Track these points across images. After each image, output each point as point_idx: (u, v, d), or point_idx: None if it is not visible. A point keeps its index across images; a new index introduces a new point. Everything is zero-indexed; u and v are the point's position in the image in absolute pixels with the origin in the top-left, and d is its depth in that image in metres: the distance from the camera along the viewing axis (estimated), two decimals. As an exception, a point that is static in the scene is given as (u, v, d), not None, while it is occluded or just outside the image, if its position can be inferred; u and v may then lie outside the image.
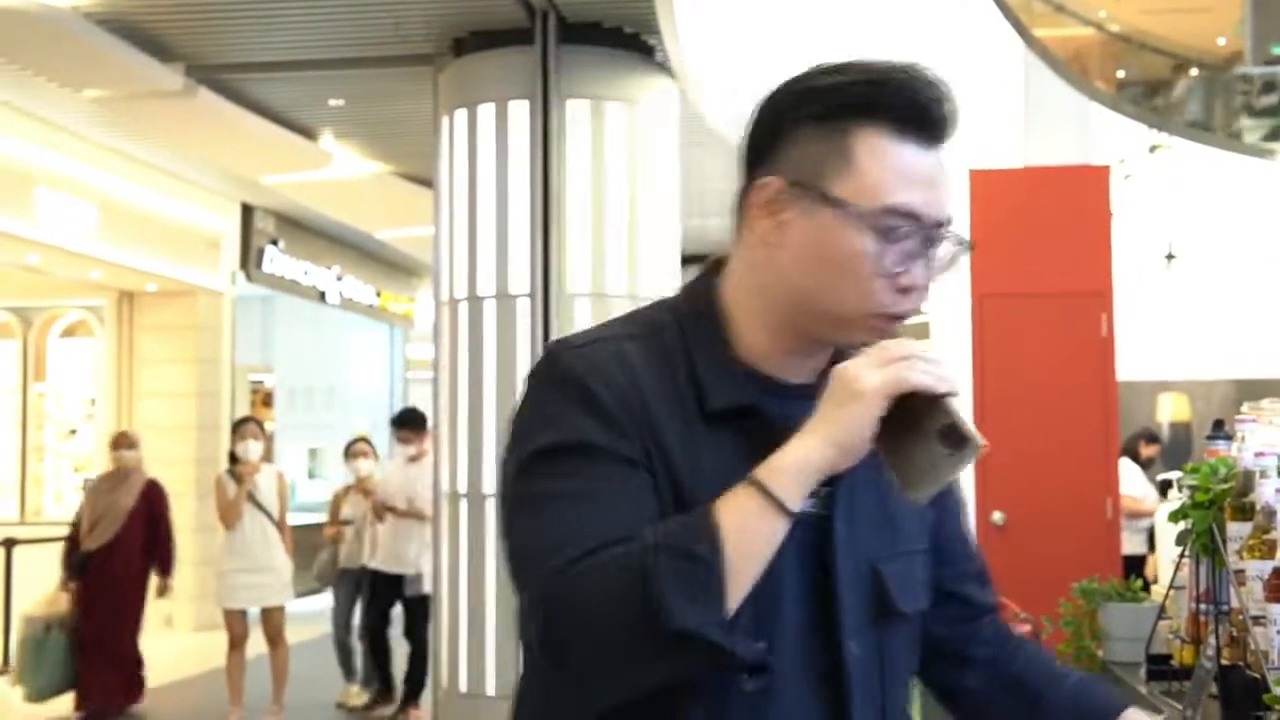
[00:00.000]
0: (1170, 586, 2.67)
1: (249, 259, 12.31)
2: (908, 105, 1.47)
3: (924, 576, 1.65)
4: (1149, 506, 8.16)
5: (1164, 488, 8.14)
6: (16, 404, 12.45)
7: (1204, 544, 2.43)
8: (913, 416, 1.41)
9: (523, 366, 7.03)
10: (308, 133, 9.54)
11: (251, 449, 8.22)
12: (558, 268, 7.11)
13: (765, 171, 1.50)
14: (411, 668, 8.45)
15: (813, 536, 1.49)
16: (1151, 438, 9.38)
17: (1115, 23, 18.98)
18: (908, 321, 1.55)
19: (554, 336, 7.01)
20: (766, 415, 1.49)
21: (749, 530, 1.38)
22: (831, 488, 1.49)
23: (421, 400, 10.78)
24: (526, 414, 1.50)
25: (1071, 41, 16.14)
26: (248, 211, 12.27)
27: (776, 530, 1.39)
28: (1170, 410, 11.77)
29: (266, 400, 14.79)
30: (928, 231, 1.47)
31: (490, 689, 7.08)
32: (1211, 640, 2.35)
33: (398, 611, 8.59)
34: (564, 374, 1.47)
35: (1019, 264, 6.75)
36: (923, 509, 1.59)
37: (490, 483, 7.07)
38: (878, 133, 1.46)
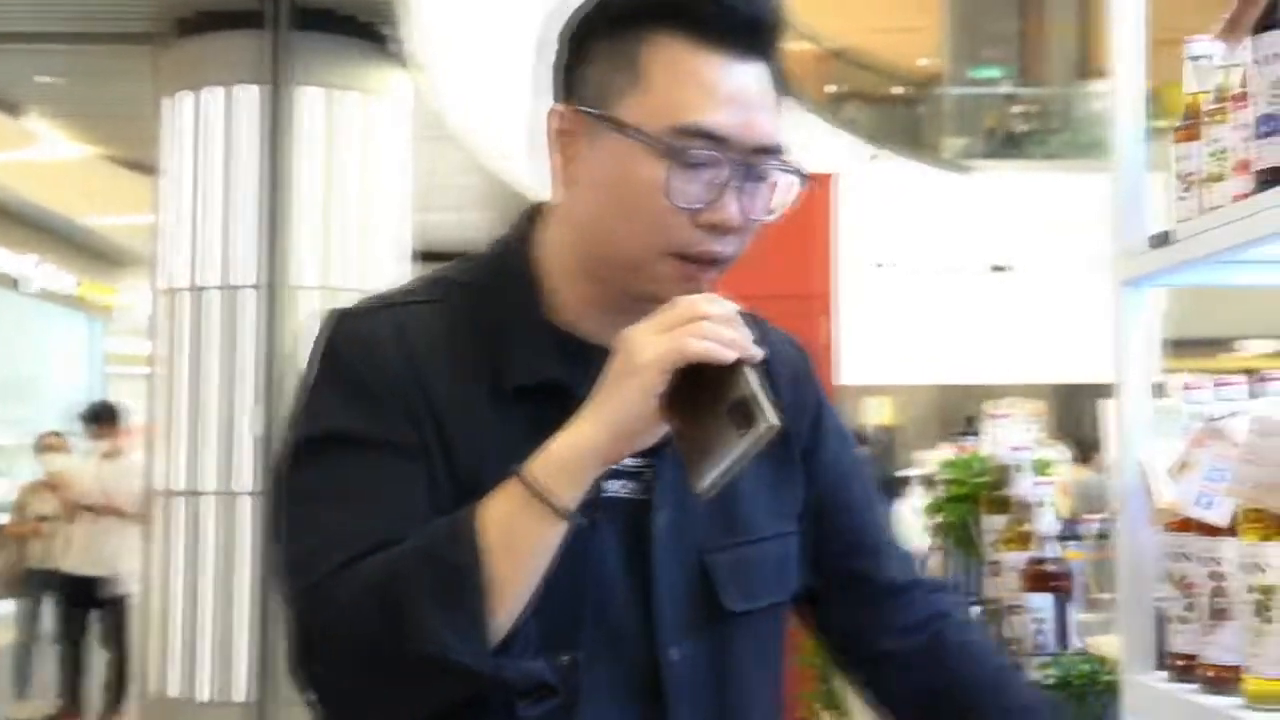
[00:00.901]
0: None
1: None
2: (712, 6, 1.26)
3: (784, 565, 1.43)
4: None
5: (888, 486, 8.47)
6: None
7: (959, 536, 2.53)
8: (708, 390, 1.20)
9: (246, 359, 6.83)
10: (11, 110, 9.02)
11: None
12: (286, 259, 6.93)
13: (560, 96, 1.32)
14: (113, 675, 8.06)
15: (632, 525, 1.31)
16: (863, 440, 9.75)
17: (829, 38, 19.67)
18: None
19: (280, 329, 6.86)
20: (574, 392, 1.26)
21: (516, 533, 1.19)
22: (654, 466, 1.31)
23: (126, 395, 10.28)
24: (299, 395, 1.33)
25: (788, 53, 16.65)
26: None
27: (548, 532, 1.20)
28: (875, 413, 12.27)
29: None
30: (742, 158, 1.26)
31: (204, 694, 6.84)
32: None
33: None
34: (333, 350, 1.31)
35: (744, 267, 6.88)
36: (792, 482, 1.43)
37: (209, 480, 6.85)
38: (675, 41, 1.26)
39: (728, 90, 1.26)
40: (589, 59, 1.30)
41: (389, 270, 7.18)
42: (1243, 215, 1.48)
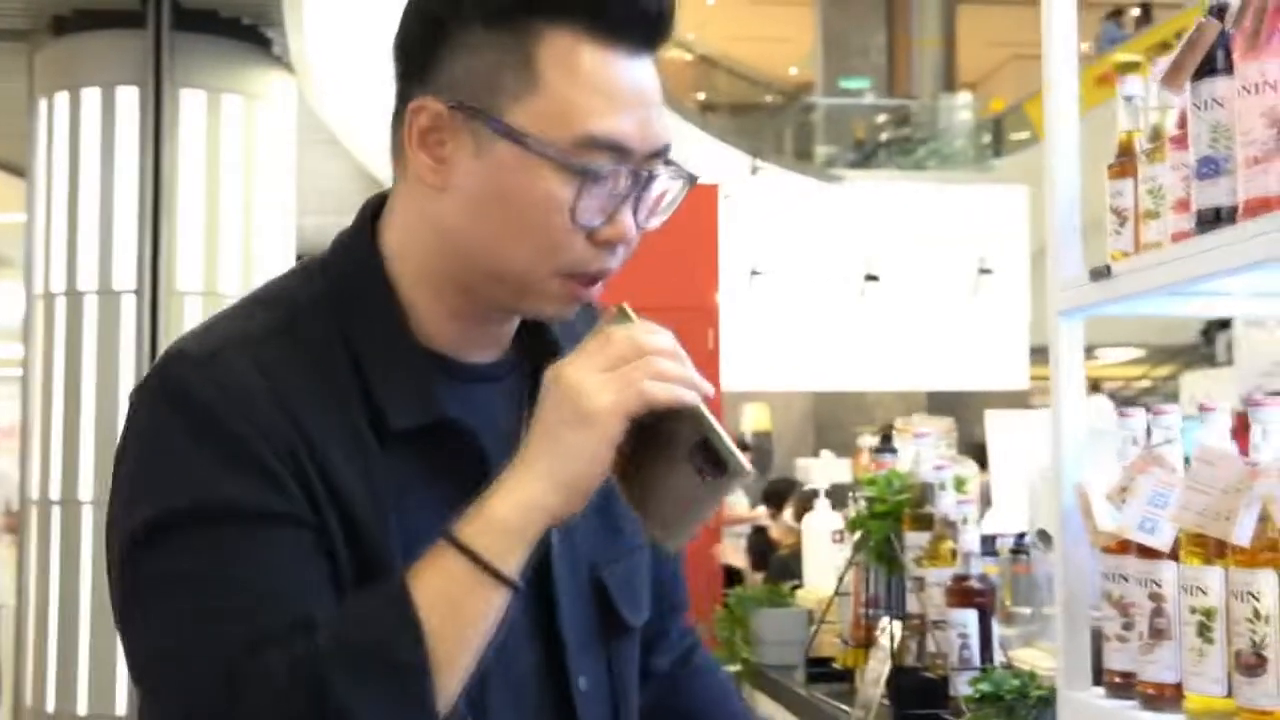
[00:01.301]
0: (836, 593, 2.83)
1: None
2: (619, 4, 1.14)
3: (646, 572, 1.35)
4: (746, 514, 8.59)
5: (770, 498, 8.58)
6: None
7: (880, 552, 2.59)
8: (657, 433, 1.10)
9: (127, 366, 6.69)
10: (-128, 105, 8.72)
11: None
12: (167, 263, 6.80)
13: (421, 91, 1.16)
14: None
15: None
16: (742, 446, 9.86)
17: (702, 45, 19.83)
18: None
19: (162, 335, 6.73)
20: (459, 425, 1.17)
21: (463, 612, 1.06)
22: None
23: (-2, 398, 10.01)
24: (141, 454, 1.12)
25: (664, 62, 16.77)
26: None
27: (495, 604, 1.07)
28: (753, 420, 12.42)
29: None
30: (639, 166, 1.15)
31: (81, 707, 6.69)
32: (884, 643, 2.49)
33: None
34: (187, 402, 1.10)
35: (633, 278, 6.92)
36: None
37: (86, 489, 6.70)
38: (571, 35, 1.13)
39: (629, 92, 1.14)
40: (460, 46, 1.14)
41: (273, 274, 7.08)
42: (1187, 254, 1.56)
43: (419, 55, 1.17)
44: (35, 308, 6.95)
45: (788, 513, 7.86)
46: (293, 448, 1.10)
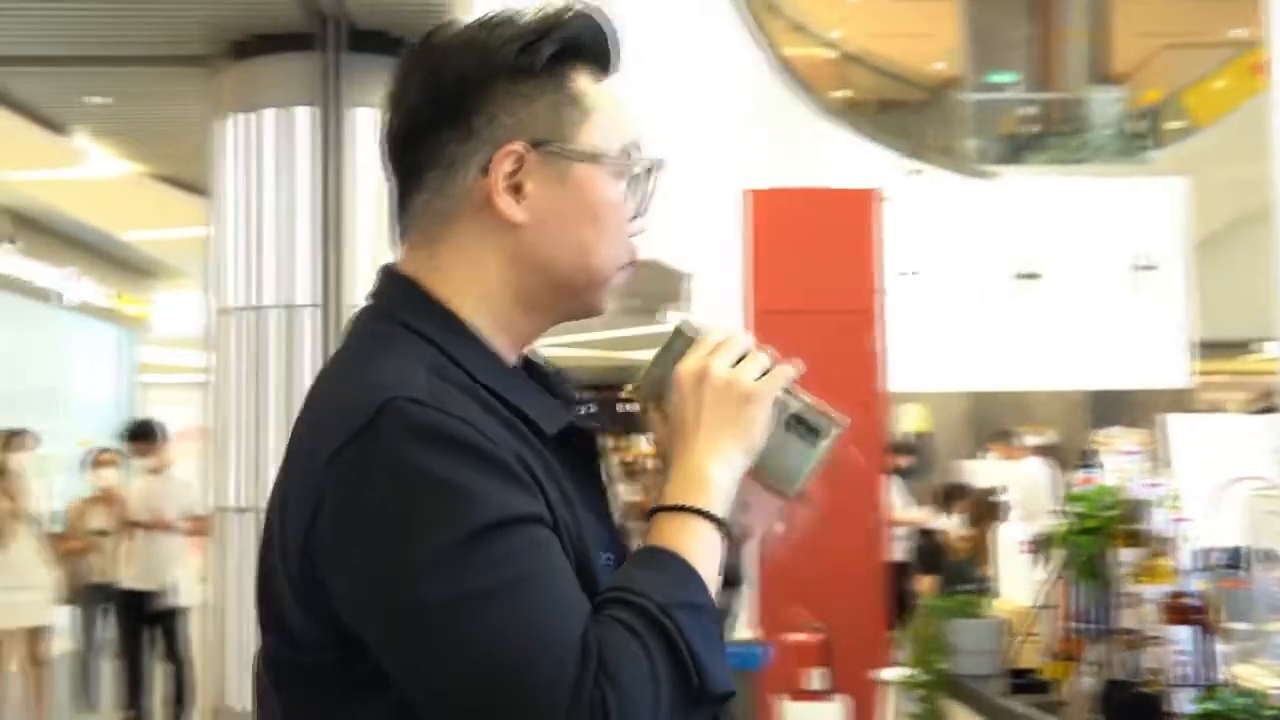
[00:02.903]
0: (1044, 606, 2.86)
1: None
2: (601, 41, 1.38)
3: None
4: (914, 516, 8.57)
5: (938, 500, 8.56)
6: None
7: (1086, 568, 2.62)
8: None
9: (306, 378, 6.91)
10: (60, 129, 9.12)
11: (27, 462, 7.90)
12: (344, 279, 7.02)
13: (473, 147, 1.32)
14: (174, 688, 8.19)
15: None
16: (908, 448, 9.83)
17: (845, 44, 19.75)
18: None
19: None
20: (582, 424, 1.35)
21: (715, 563, 1.27)
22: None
23: (158, 404, 10.35)
24: (410, 489, 1.18)
25: (809, 60, 16.73)
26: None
27: (722, 555, 1.29)
28: (913, 420, 12.36)
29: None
30: (653, 164, 1.40)
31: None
32: (1092, 658, 2.52)
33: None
34: (438, 431, 1.19)
35: (795, 281, 7.00)
36: None
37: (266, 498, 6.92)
38: (588, 73, 1.37)
39: (629, 107, 1.39)
40: (510, 97, 1.32)
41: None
42: None
43: (461, 117, 1.32)
44: (218, 321, 7.21)
45: (957, 517, 7.83)
46: (525, 463, 1.23)
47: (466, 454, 1.19)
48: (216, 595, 7.06)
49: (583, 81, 1.36)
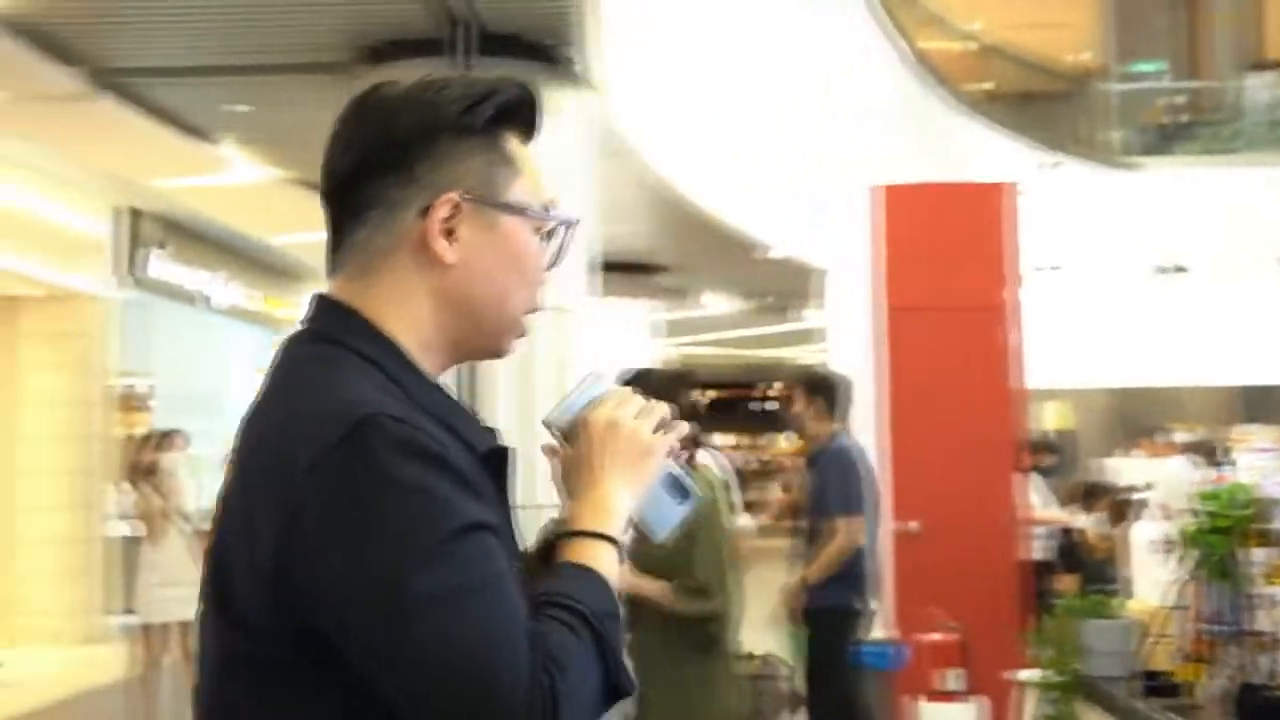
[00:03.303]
0: (1175, 606, 2.79)
1: (133, 263, 12.06)
2: (530, 110, 1.53)
3: None
4: (1053, 515, 8.42)
5: (1080, 499, 8.41)
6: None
7: (1218, 568, 2.56)
8: None
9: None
10: (206, 137, 9.39)
11: (179, 461, 8.15)
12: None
13: (418, 192, 1.45)
14: None
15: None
16: (1048, 446, 9.64)
17: (984, 36, 19.46)
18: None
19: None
20: (506, 447, 1.48)
21: (616, 579, 1.43)
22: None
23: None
24: (390, 495, 1.30)
25: (946, 53, 16.53)
26: (135, 215, 12.02)
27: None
28: (1054, 417, 12.14)
29: (141, 407, 14.46)
30: (568, 223, 1.55)
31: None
32: (1225, 660, 2.46)
33: None
34: (412, 445, 1.32)
35: (928, 277, 6.91)
36: None
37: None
38: (516, 138, 1.51)
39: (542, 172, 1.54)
40: (448, 154, 1.47)
41: (579, 284, 7.36)
42: None
43: (406, 164, 1.46)
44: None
45: (1099, 515, 7.68)
46: (471, 473, 1.37)
47: (434, 465, 1.32)
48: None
49: (514, 144, 1.51)
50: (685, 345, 21.78)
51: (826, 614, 5.93)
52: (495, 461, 1.45)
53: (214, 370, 15.50)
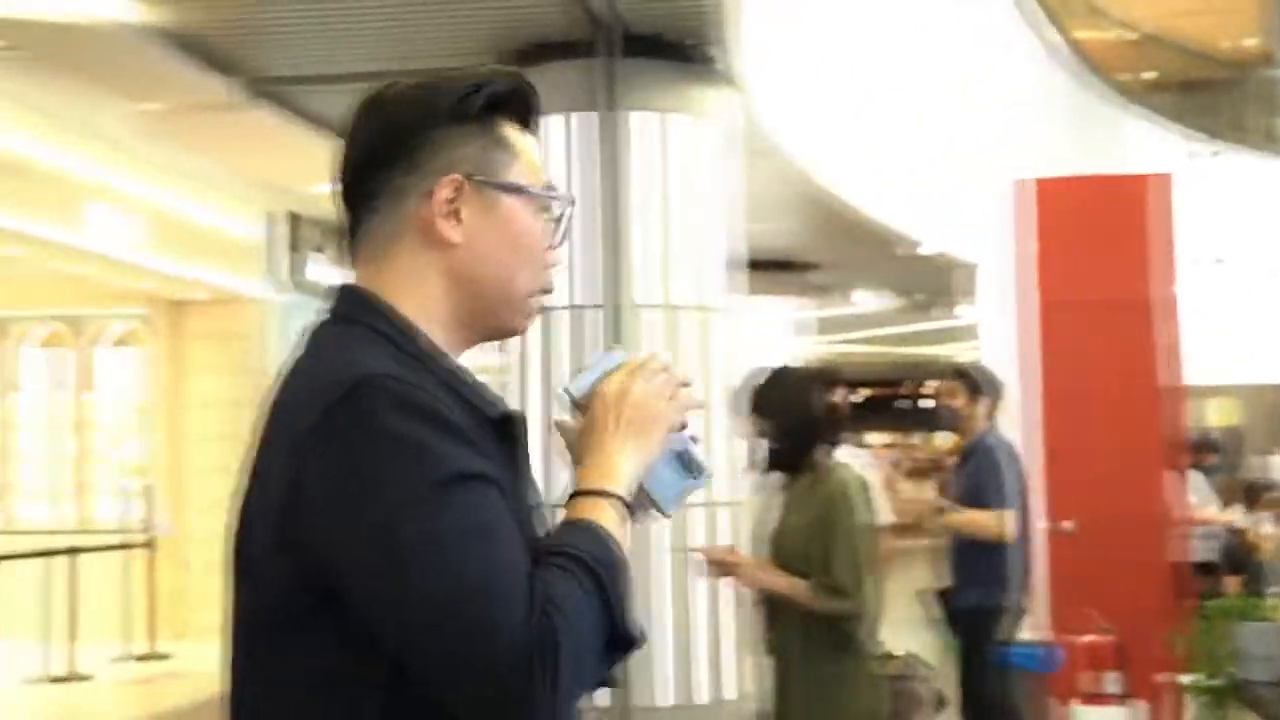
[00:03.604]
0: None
1: (294, 267, 12.38)
2: (523, 98, 1.62)
3: None
4: (1215, 515, 8.18)
5: (1250, 493, 8.17)
6: (68, 411, 12.54)
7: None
8: None
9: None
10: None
11: None
12: (624, 279, 7.16)
13: (420, 177, 1.55)
14: None
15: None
16: (1209, 444, 9.37)
17: (1144, 24, 19.00)
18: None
19: (625, 348, 7.06)
20: (518, 414, 1.55)
21: (625, 537, 1.49)
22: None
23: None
24: (386, 447, 1.38)
25: (1102, 42, 16.16)
26: (294, 220, 12.34)
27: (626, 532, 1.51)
28: (1219, 414, 11.78)
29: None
30: (565, 205, 1.63)
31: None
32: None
33: None
34: (408, 402, 1.40)
35: (1080, 272, 6.77)
36: None
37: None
38: (514, 125, 1.60)
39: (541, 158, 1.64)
40: (446, 140, 1.56)
41: (724, 284, 7.36)
42: None
43: (408, 153, 1.55)
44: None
45: (1262, 515, 7.45)
46: (474, 433, 1.44)
47: (432, 421, 1.39)
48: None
49: (509, 130, 1.60)
50: (836, 343, 21.64)
51: (973, 614, 5.87)
52: (509, 426, 1.52)
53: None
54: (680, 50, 7.43)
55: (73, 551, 10.22)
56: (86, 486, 12.42)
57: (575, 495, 1.51)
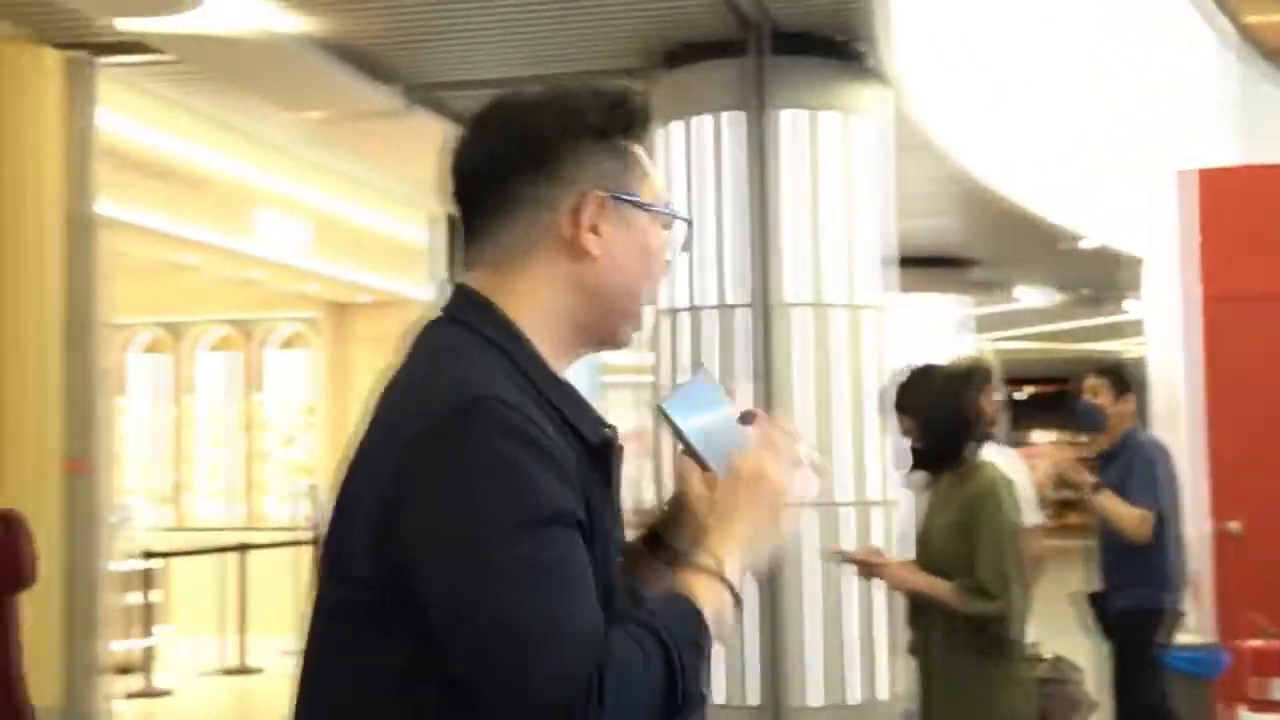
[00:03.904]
0: None
1: (453, 269, 12.60)
2: (647, 120, 1.66)
3: None
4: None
5: None
6: (239, 412, 12.98)
7: None
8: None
9: (744, 375, 7.07)
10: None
11: None
12: (773, 278, 7.14)
13: (558, 190, 1.59)
14: None
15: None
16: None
17: (1321, 6, 18.25)
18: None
19: (774, 346, 7.08)
20: (615, 440, 1.59)
21: (724, 623, 1.51)
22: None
23: (618, 404, 10.79)
24: (490, 470, 1.42)
25: (1277, 27, 15.59)
26: (454, 224, 12.54)
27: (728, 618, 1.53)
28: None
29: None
30: (685, 220, 1.73)
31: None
32: None
33: None
34: (516, 429, 1.44)
35: (1250, 265, 6.57)
36: None
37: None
38: (638, 145, 1.66)
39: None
40: (583, 156, 1.60)
41: (875, 282, 7.30)
42: None
43: (550, 164, 1.59)
44: (662, 322, 7.48)
45: None
46: (572, 470, 1.47)
47: (534, 450, 1.43)
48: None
49: (635, 151, 1.65)
50: (998, 340, 21.26)
51: (1126, 617, 5.74)
52: (605, 452, 1.56)
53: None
54: (830, 47, 7.39)
55: (243, 548, 10.55)
56: (256, 485, 12.83)
57: (689, 564, 1.54)
